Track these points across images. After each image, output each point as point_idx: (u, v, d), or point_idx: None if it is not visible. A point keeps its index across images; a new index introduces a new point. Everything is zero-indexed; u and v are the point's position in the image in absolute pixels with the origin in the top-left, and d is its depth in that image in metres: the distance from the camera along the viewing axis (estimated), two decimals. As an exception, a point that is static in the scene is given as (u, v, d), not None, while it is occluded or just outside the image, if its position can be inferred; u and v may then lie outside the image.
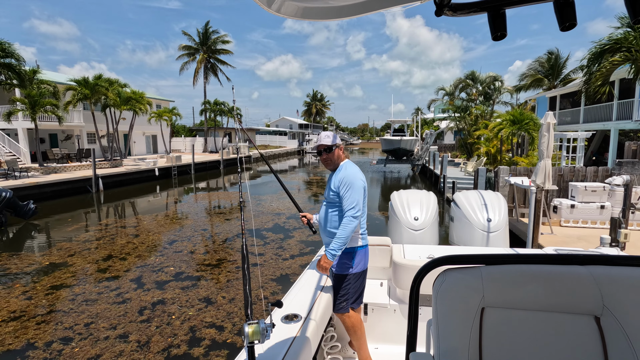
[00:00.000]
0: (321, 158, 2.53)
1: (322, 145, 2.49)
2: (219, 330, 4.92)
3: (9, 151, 20.30)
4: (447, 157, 16.17)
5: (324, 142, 2.48)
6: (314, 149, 2.92)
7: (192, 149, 26.38)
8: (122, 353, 4.40)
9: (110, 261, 7.77)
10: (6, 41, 15.74)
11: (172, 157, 23.70)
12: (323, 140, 2.49)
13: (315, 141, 2.62)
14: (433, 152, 21.91)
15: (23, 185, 14.36)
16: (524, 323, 1.02)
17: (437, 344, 1.08)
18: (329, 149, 2.48)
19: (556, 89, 21.55)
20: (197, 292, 6.13)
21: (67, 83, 21.58)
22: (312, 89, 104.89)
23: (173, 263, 7.58)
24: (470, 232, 5.52)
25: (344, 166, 2.50)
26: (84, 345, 4.58)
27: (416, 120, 36.08)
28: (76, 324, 5.12)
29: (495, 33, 1.15)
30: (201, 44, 36.51)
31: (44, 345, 4.62)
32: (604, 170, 9.02)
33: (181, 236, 9.72)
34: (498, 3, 1.11)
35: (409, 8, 1.28)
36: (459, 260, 1.13)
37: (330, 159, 2.50)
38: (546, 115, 6.68)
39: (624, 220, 6.46)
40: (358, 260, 2.47)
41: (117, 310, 5.49)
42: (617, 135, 15.31)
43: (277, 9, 1.11)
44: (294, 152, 51.28)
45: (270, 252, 8.16)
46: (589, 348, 0.97)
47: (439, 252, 2.89)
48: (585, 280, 1.01)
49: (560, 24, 1.03)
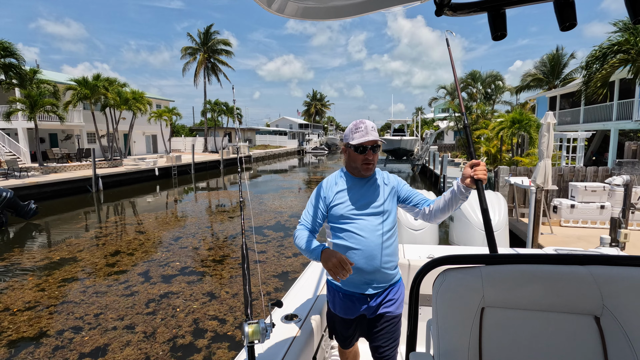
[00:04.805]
0: (364, 158, 1.69)
1: (373, 141, 1.68)
2: (222, 323, 5.10)
3: (9, 151, 20.30)
4: (447, 157, 16.17)
5: (373, 136, 1.66)
6: (356, 144, 1.67)
7: (192, 149, 26.36)
8: (130, 343, 4.62)
9: (118, 256, 8.00)
10: (7, 41, 15.76)
11: (172, 156, 23.70)
12: (372, 134, 1.67)
13: (348, 134, 1.72)
14: (433, 152, 21.91)
15: (23, 185, 14.36)
16: (524, 323, 1.02)
17: (437, 344, 1.08)
18: (379, 146, 1.73)
19: (556, 89, 21.54)
20: (201, 286, 6.33)
21: (67, 83, 21.57)
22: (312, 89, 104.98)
23: (179, 258, 7.79)
24: (470, 232, 5.52)
25: (378, 171, 1.86)
26: (94, 335, 4.82)
27: (416, 120, 36.08)
28: (86, 314, 5.38)
29: (495, 33, 1.15)
30: (202, 44, 36.54)
31: (55, 334, 4.88)
32: (604, 170, 9.02)
33: (186, 233, 9.89)
34: (498, 3, 1.12)
35: (409, 8, 1.28)
36: (459, 260, 1.13)
37: (376, 159, 1.75)
38: (546, 115, 6.69)
39: (623, 220, 6.46)
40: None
41: (125, 302, 5.74)
42: (617, 135, 15.31)
43: (277, 8, 1.11)
44: (294, 152, 51.28)
45: (272, 249, 8.23)
46: (589, 348, 0.97)
47: (439, 252, 2.89)
48: (585, 280, 1.01)
49: (561, 24, 1.03)
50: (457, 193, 1.58)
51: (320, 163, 37.64)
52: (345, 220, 1.71)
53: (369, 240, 1.67)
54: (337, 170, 1.87)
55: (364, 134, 1.66)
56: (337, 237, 1.74)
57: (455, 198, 1.60)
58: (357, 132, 1.68)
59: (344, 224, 1.72)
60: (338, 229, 1.74)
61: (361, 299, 1.75)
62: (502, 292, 1.04)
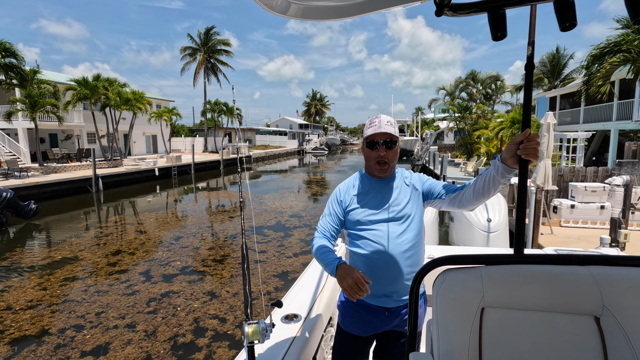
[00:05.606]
0: (377, 155, 1.54)
1: (385, 135, 1.51)
2: (222, 322, 5.12)
3: (9, 151, 20.30)
4: (447, 157, 16.16)
5: (386, 129, 1.50)
6: (367, 138, 1.54)
7: (192, 149, 26.37)
8: (131, 341, 4.65)
9: (120, 256, 8.03)
10: (7, 41, 15.77)
11: (172, 157, 23.70)
12: (385, 128, 1.50)
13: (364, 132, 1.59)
14: (433, 152, 21.90)
15: (23, 185, 14.36)
16: (524, 323, 1.02)
17: (437, 344, 1.08)
18: (394, 142, 1.54)
19: (556, 89, 21.55)
20: (201, 285, 6.36)
21: (67, 83, 21.58)
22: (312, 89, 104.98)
23: (179, 258, 7.82)
24: (470, 232, 5.53)
25: (400, 171, 1.68)
26: (95, 333, 4.85)
27: (416, 121, 36.10)
28: (88, 313, 5.41)
29: (495, 33, 1.15)
30: (202, 44, 36.56)
31: (57, 332, 4.93)
32: (604, 171, 9.02)
33: (186, 233, 9.93)
34: (498, 3, 1.12)
35: (409, 8, 1.28)
36: (459, 260, 1.13)
37: (393, 158, 1.56)
38: (546, 116, 6.69)
39: (623, 221, 6.46)
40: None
41: (127, 301, 5.77)
42: (617, 135, 15.31)
43: (277, 9, 1.11)
44: (294, 152, 51.28)
45: (272, 249, 8.24)
46: (589, 348, 0.97)
47: (439, 252, 2.89)
48: (585, 280, 1.01)
49: (561, 24, 1.04)
50: (498, 176, 1.28)
51: (320, 163, 37.64)
52: (363, 226, 1.57)
53: (389, 249, 1.52)
54: (356, 172, 1.74)
55: (376, 128, 1.50)
56: (354, 245, 1.60)
57: (494, 181, 1.31)
58: (370, 127, 1.53)
59: (361, 231, 1.58)
60: (355, 235, 1.60)
61: (379, 312, 1.59)
62: (502, 292, 1.04)
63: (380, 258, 1.53)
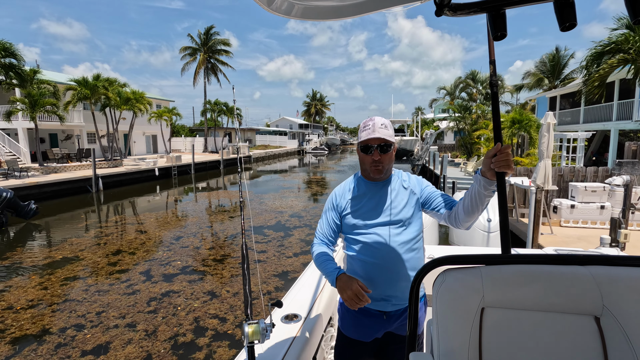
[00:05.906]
0: (371, 160, 1.51)
1: (379, 139, 1.49)
2: (222, 321, 5.14)
3: (9, 151, 20.30)
4: (447, 157, 16.15)
5: (380, 134, 1.47)
6: (361, 143, 1.53)
7: (192, 149, 26.37)
8: (131, 341, 4.67)
9: (120, 255, 8.04)
10: (7, 41, 15.77)
11: (172, 157, 23.70)
12: (379, 132, 1.47)
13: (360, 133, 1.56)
14: (433, 152, 21.90)
15: (23, 185, 14.36)
16: (524, 323, 1.02)
17: (437, 344, 1.08)
18: (389, 146, 1.52)
19: (556, 89, 21.55)
20: (202, 285, 6.37)
21: (67, 83, 21.58)
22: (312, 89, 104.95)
23: (179, 257, 7.83)
24: (470, 232, 5.53)
25: (397, 173, 1.65)
26: (96, 332, 4.88)
27: (416, 120, 36.11)
28: (88, 312, 5.44)
29: (495, 33, 1.15)
30: (202, 44, 36.56)
31: (58, 331, 4.95)
32: (604, 171, 9.02)
33: (186, 232, 9.94)
34: (498, 3, 1.12)
35: (409, 8, 1.28)
36: (459, 260, 1.13)
37: (389, 161, 1.54)
38: (546, 116, 6.69)
39: (624, 221, 6.46)
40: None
41: (127, 300, 5.79)
42: (617, 135, 15.31)
43: (277, 9, 1.11)
44: (294, 152, 51.29)
45: (272, 249, 8.25)
46: (589, 348, 0.97)
47: (439, 252, 2.89)
48: (585, 280, 1.01)
49: (561, 24, 1.04)
50: (482, 189, 1.31)
51: (320, 163, 37.65)
52: (359, 230, 1.56)
53: (386, 253, 1.50)
54: (352, 176, 1.70)
55: (370, 132, 1.48)
56: (351, 249, 1.59)
57: (480, 195, 1.33)
58: (364, 130, 1.51)
59: (357, 235, 1.56)
60: (352, 240, 1.59)
61: (377, 316, 1.58)
62: (502, 293, 1.04)
63: (377, 262, 1.52)
